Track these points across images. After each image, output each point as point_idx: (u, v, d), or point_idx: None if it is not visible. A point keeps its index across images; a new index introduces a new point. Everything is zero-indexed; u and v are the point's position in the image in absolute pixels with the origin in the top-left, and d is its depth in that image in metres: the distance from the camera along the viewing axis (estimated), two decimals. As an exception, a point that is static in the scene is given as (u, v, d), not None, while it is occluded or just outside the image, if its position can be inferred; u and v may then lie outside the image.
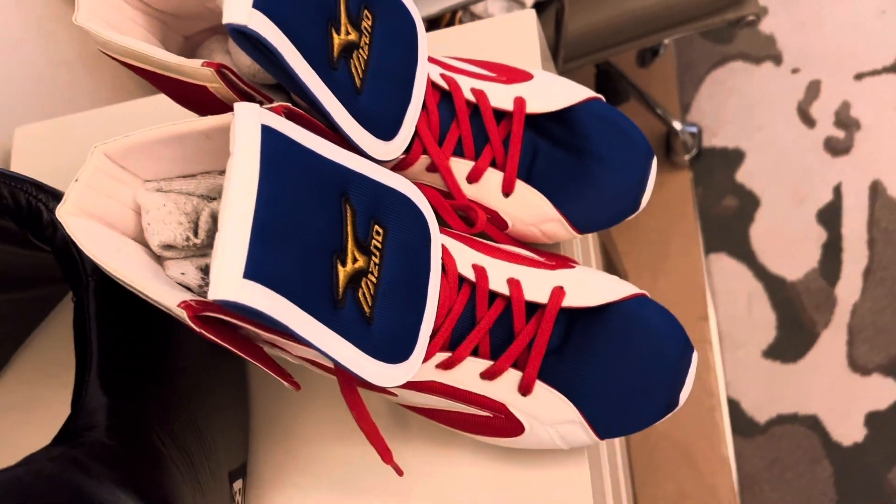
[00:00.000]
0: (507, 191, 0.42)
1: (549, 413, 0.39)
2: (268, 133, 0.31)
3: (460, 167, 0.42)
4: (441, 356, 0.38)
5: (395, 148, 0.38)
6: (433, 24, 0.86)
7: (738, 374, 1.13)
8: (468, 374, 0.38)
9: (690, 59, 1.29)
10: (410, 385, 0.39)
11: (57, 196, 0.39)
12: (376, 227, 0.35)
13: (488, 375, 0.38)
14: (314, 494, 0.46)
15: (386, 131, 0.38)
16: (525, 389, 0.38)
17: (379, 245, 0.35)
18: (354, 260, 0.33)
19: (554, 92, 0.43)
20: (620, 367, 0.38)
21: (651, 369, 0.38)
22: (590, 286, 0.40)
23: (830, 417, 1.09)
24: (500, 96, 0.42)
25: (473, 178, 0.42)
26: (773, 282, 1.15)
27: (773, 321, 1.14)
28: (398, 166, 0.41)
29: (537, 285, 0.39)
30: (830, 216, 1.16)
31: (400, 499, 0.45)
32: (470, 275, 0.39)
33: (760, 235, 1.18)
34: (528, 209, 0.42)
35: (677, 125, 1.18)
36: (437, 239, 0.38)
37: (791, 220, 1.17)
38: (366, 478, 0.46)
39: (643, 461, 1.14)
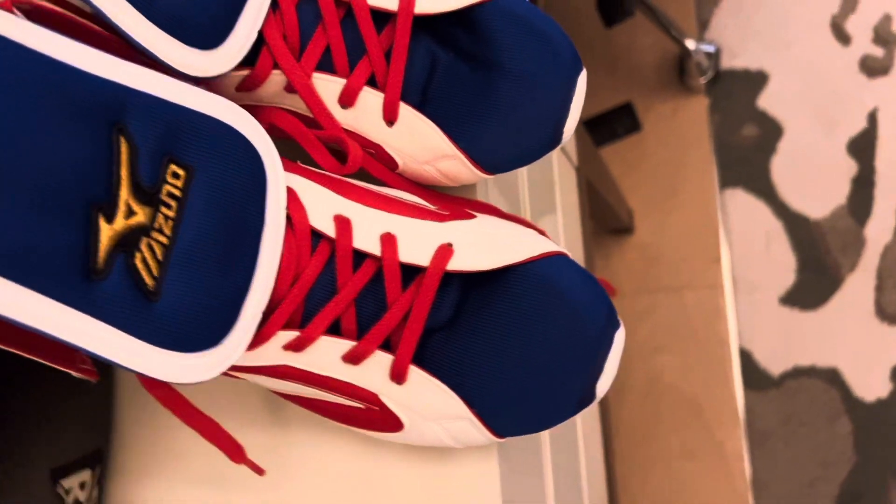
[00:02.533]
0: (389, 118, 0.32)
1: (429, 406, 0.30)
2: (-22, 36, 0.22)
3: (329, 87, 0.32)
4: (287, 335, 0.29)
5: (221, 60, 0.29)
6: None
7: (752, 322, 1.03)
8: (327, 356, 0.30)
9: (710, -32, 1.14)
10: (257, 370, 0.31)
11: None
12: (173, 167, 0.26)
13: (351, 359, 0.30)
14: (185, 485, 0.39)
15: (205, 36, 0.28)
16: (397, 376, 0.30)
17: (177, 192, 0.26)
18: (129, 213, 0.24)
19: (454, -16, 0.32)
20: (522, 349, 0.29)
21: (561, 352, 0.29)
22: (489, 243, 0.31)
23: (852, 371, 0.98)
24: (383, -8, 0.32)
25: (346, 100, 0.32)
26: (794, 220, 1.04)
27: (792, 264, 1.03)
28: (243, 86, 0.32)
29: (419, 242, 0.30)
30: (863, 146, 1.03)
31: (279, 492, 0.38)
32: (328, 229, 0.29)
33: (783, 168, 1.06)
34: (418, 142, 0.32)
35: (691, 44, 1.05)
36: (279, 180, 0.28)
37: (818, 151, 1.05)
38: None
39: (648, 411, 1.05)
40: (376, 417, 0.31)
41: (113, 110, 0.24)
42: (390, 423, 0.31)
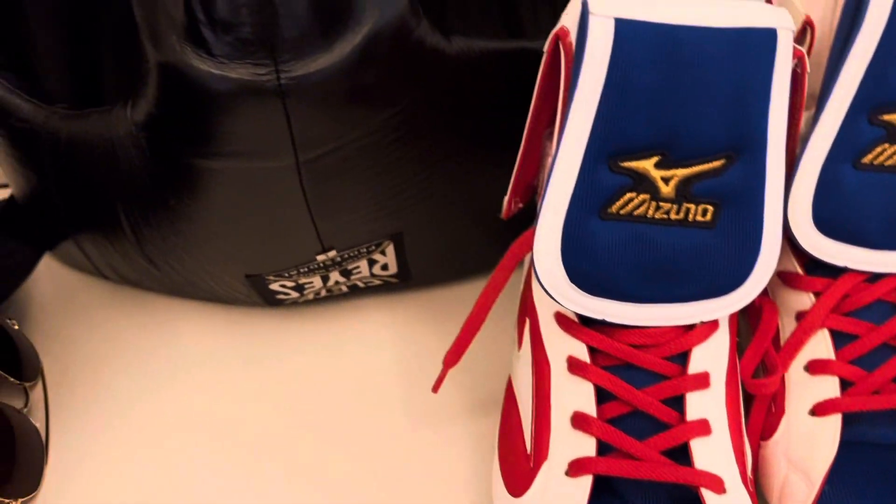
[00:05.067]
0: (818, 412, 0.32)
1: None
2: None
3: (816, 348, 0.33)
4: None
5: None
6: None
7: None
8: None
9: None
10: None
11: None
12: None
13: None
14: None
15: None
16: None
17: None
18: None
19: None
20: None
21: None
22: None
23: None
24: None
25: (816, 369, 0.33)
26: None
27: None
28: (792, 280, 0.34)
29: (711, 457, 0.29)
30: None
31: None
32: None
33: None
34: (804, 446, 0.32)
35: None
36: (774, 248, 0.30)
37: None
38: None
39: None
40: (522, 474, 0.31)
41: None
42: (520, 483, 0.31)
